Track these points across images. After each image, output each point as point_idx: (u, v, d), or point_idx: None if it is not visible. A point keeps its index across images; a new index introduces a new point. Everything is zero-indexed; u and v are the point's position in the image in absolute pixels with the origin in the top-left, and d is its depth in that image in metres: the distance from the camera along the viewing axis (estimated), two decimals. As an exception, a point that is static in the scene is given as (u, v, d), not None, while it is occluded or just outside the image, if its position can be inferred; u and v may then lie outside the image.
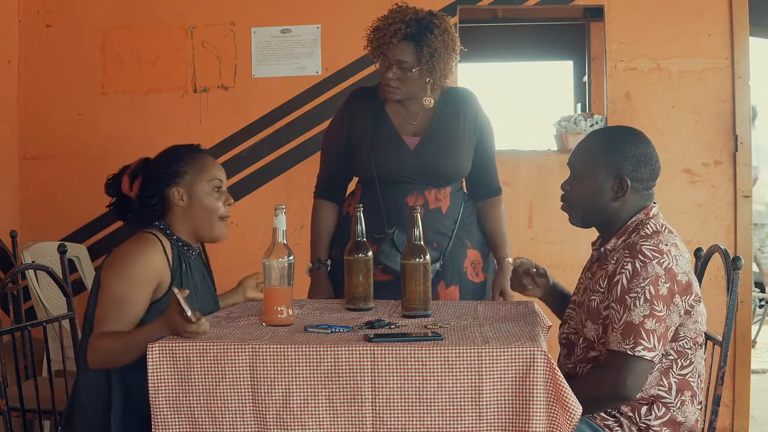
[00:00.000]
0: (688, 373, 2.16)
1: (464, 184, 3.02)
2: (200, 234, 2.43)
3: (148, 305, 2.27)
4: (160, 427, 1.94)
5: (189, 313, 1.97)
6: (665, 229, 2.19)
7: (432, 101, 2.86)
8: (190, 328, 1.99)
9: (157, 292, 2.30)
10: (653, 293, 2.06)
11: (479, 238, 2.96)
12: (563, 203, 2.34)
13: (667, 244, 2.12)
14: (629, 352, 2.05)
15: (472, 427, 1.87)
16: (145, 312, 2.27)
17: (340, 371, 1.90)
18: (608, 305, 2.14)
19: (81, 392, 2.30)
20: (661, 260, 2.09)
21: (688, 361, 2.16)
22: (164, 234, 2.37)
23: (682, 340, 2.15)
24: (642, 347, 2.05)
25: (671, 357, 2.14)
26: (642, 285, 2.07)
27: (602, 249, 2.26)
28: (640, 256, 2.09)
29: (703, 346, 2.22)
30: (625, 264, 2.10)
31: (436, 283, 2.80)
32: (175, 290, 2.01)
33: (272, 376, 1.91)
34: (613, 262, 2.17)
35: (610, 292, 2.13)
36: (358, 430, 1.89)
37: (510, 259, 2.98)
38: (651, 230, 2.17)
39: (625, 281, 2.09)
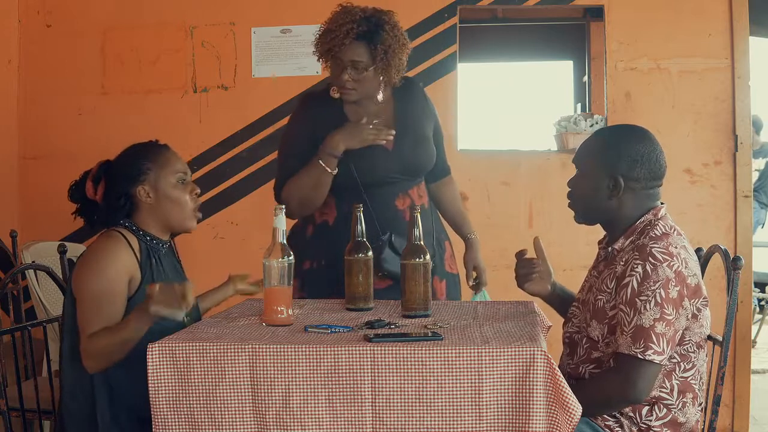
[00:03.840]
0: (690, 376, 2.16)
1: None
2: (172, 227, 2.42)
3: (125, 301, 2.28)
4: (160, 427, 1.94)
5: (180, 317, 1.99)
6: (674, 231, 2.18)
7: (383, 96, 2.83)
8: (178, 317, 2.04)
9: (130, 288, 2.30)
10: (663, 296, 2.06)
11: (445, 231, 2.99)
12: (569, 200, 2.34)
13: (676, 247, 2.12)
14: (640, 356, 2.05)
15: (472, 427, 1.87)
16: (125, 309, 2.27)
17: (340, 371, 1.90)
18: (615, 306, 2.13)
19: (66, 395, 2.31)
20: (672, 263, 2.08)
21: (690, 364, 2.16)
22: (130, 230, 2.37)
23: (687, 344, 2.15)
24: (652, 351, 2.04)
25: (674, 360, 2.14)
26: (652, 288, 2.06)
27: (610, 248, 2.26)
28: (650, 259, 2.08)
29: (704, 348, 2.22)
30: (635, 266, 2.09)
31: (432, 278, 2.81)
32: (153, 309, 2.04)
33: (272, 376, 1.91)
34: (621, 263, 2.16)
35: (619, 293, 2.12)
36: (358, 430, 1.89)
37: (475, 235, 3.01)
38: (660, 232, 2.16)
39: (635, 284, 2.08)
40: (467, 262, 3.00)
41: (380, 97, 2.84)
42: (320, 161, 2.73)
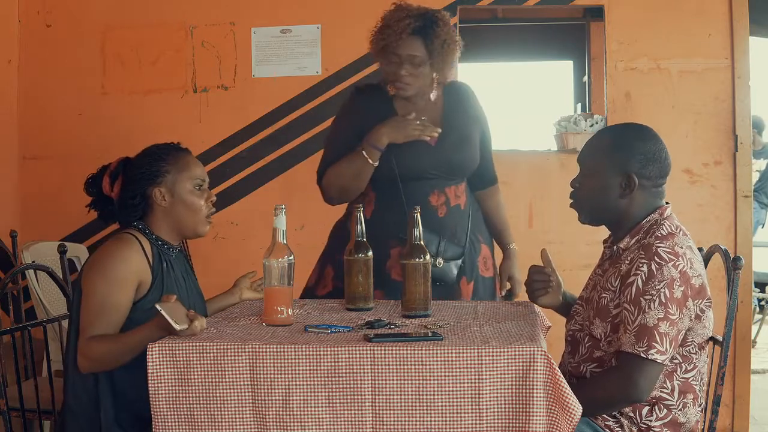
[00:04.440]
0: (691, 376, 2.16)
1: None
2: (184, 231, 2.41)
3: (131, 305, 2.26)
4: (160, 427, 1.94)
5: (177, 327, 1.98)
6: (680, 231, 2.18)
7: (435, 95, 2.86)
8: (184, 333, 2.00)
9: (139, 291, 2.29)
10: (668, 296, 2.06)
11: (487, 234, 3.00)
12: (572, 200, 2.33)
13: (682, 247, 2.12)
14: (642, 355, 2.05)
15: (472, 427, 1.87)
16: (130, 312, 2.26)
17: (340, 371, 1.90)
18: (620, 304, 2.13)
19: (69, 395, 2.30)
20: (677, 263, 2.08)
21: (692, 365, 2.16)
22: (143, 233, 2.36)
23: (689, 345, 2.15)
24: (655, 350, 2.04)
25: (676, 361, 2.14)
26: (657, 287, 2.06)
27: (615, 247, 2.26)
28: (656, 258, 2.08)
29: (705, 348, 2.22)
30: (641, 265, 2.09)
31: (459, 279, 2.83)
32: (158, 306, 2.00)
33: (272, 376, 1.91)
34: (627, 261, 2.16)
35: (623, 292, 2.12)
36: (358, 430, 1.89)
37: (514, 245, 3.03)
38: (666, 231, 2.16)
39: (640, 283, 2.08)
40: (503, 272, 3.02)
41: (432, 95, 2.86)
42: (363, 152, 2.77)
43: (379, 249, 2.60)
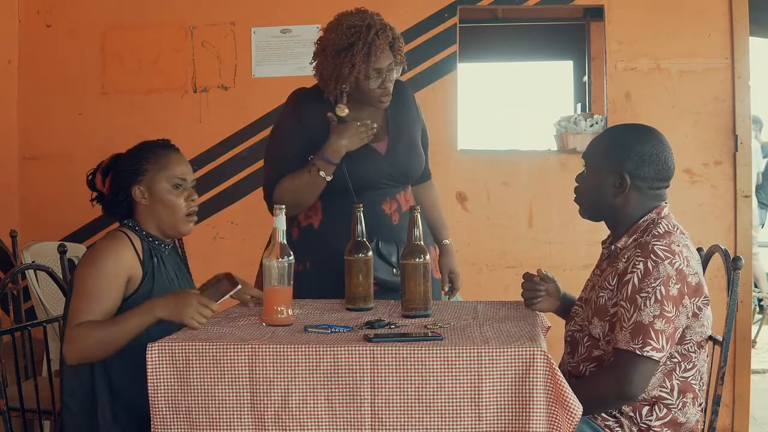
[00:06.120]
0: (690, 376, 2.16)
1: None
2: (166, 230, 2.42)
3: (120, 301, 2.28)
4: (159, 427, 1.94)
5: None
6: (677, 229, 2.19)
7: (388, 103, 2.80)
8: (205, 312, 2.06)
9: (129, 287, 2.31)
10: (664, 294, 2.06)
11: (430, 236, 2.98)
12: (575, 195, 2.34)
13: (679, 245, 2.12)
14: (638, 352, 2.05)
15: (472, 427, 1.87)
16: (118, 309, 2.27)
17: (340, 371, 1.90)
18: (617, 303, 2.13)
19: (66, 393, 2.31)
20: (673, 261, 2.09)
21: (691, 364, 2.16)
22: (133, 230, 2.38)
23: (687, 343, 2.15)
24: (650, 347, 2.05)
25: (675, 359, 2.14)
26: (653, 285, 2.07)
27: (612, 247, 2.26)
28: (652, 256, 2.09)
29: (705, 347, 2.22)
30: (637, 263, 2.10)
31: None
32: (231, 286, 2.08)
33: (272, 376, 1.91)
34: (623, 260, 2.17)
35: (620, 290, 2.13)
36: (357, 430, 1.89)
37: (450, 241, 3.02)
38: (663, 230, 2.17)
39: (636, 281, 2.09)
40: (443, 268, 3.00)
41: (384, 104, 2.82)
42: (320, 171, 2.69)
43: (334, 260, 2.52)
